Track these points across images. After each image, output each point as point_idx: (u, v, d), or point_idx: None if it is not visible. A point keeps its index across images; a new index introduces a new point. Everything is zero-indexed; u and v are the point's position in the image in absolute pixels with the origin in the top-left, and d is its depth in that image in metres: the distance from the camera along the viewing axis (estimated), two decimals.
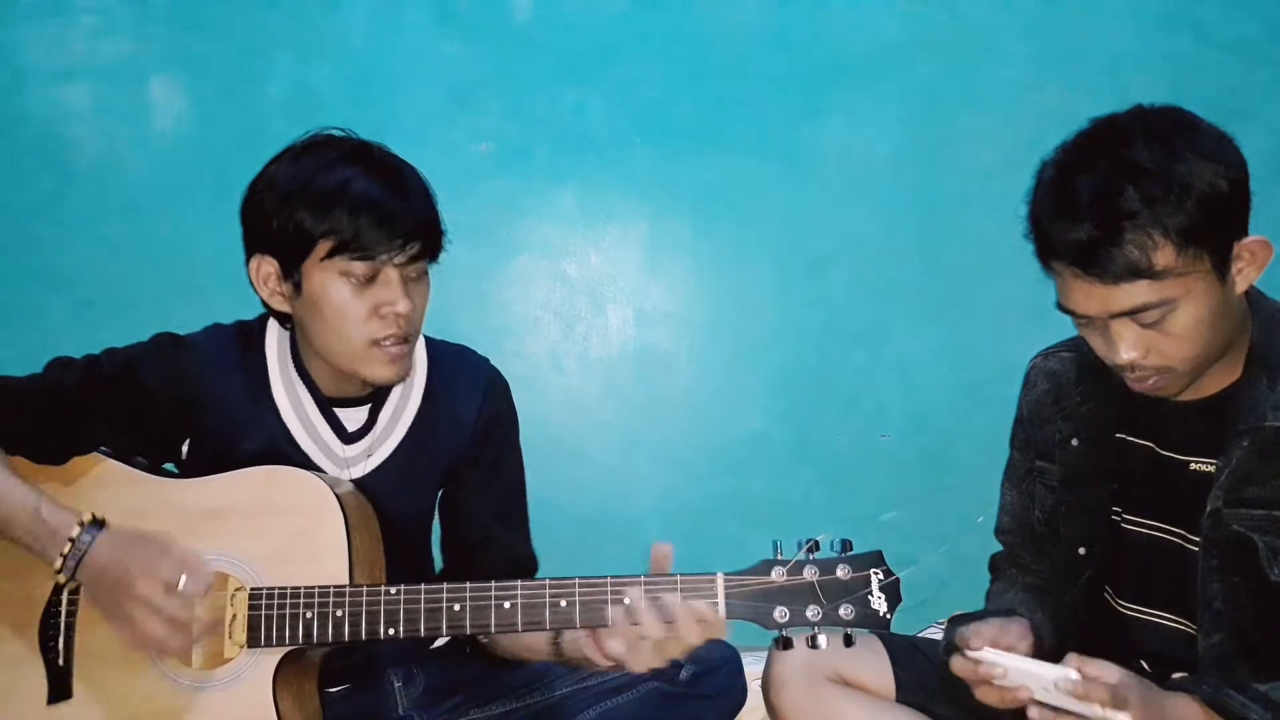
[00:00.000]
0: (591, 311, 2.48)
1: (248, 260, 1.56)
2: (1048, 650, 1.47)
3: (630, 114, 2.44)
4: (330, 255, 1.48)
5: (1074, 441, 1.58)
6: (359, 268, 1.49)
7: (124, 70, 2.41)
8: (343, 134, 1.58)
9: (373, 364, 1.54)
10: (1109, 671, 1.29)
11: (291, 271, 1.51)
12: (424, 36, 2.43)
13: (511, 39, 2.43)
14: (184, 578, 1.39)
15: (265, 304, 1.58)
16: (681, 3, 2.44)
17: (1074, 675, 1.27)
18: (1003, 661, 1.33)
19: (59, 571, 1.41)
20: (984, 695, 1.37)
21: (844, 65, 2.45)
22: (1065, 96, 2.41)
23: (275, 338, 1.63)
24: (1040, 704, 1.32)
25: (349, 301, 1.50)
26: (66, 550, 1.41)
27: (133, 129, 2.41)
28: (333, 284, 1.50)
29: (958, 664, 1.38)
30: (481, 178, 2.43)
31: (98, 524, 1.43)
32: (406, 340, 1.54)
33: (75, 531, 1.42)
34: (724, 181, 2.45)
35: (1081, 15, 2.44)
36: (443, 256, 1.58)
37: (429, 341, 1.69)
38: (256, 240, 1.54)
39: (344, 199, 1.47)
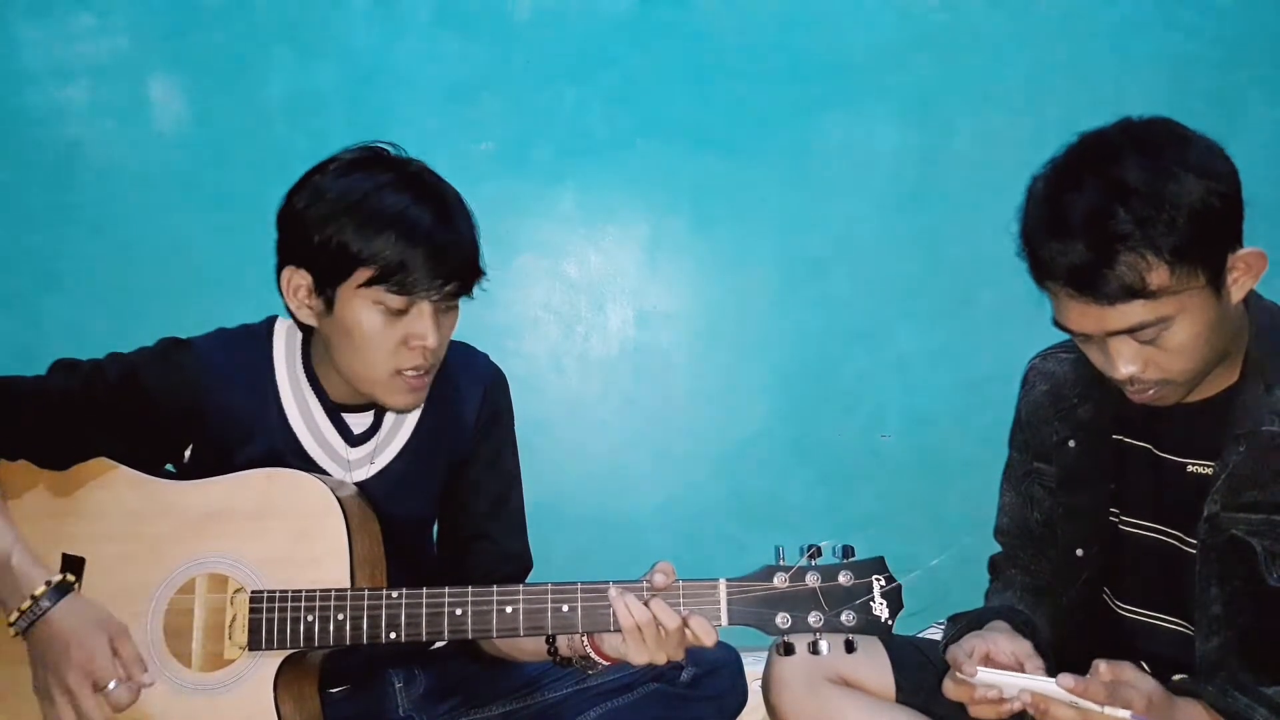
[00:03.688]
0: (591, 311, 2.48)
1: (280, 268, 1.53)
2: (1046, 650, 1.47)
3: (630, 114, 2.44)
4: (368, 284, 1.46)
5: (1071, 443, 1.59)
6: (395, 301, 1.47)
7: (124, 70, 2.40)
8: (394, 151, 1.55)
9: (392, 392, 1.53)
10: (1136, 677, 1.28)
11: (325, 289, 1.49)
12: (424, 36, 2.42)
13: (511, 39, 2.43)
14: (114, 684, 1.39)
15: (291, 314, 1.56)
16: (681, 3, 2.44)
17: (1070, 684, 1.27)
18: (999, 681, 1.33)
19: (11, 624, 1.41)
20: (980, 713, 1.36)
21: (844, 65, 2.44)
22: (1065, 96, 2.41)
23: (284, 341, 1.62)
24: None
25: (379, 331, 1.48)
26: (25, 607, 1.40)
27: (132, 129, 2.40)
28: (365, 310, 1.48)
29: (951, 689, 1.38)
30: (481, 178, 2.43)
31: (64, 589, 1.42)
32: (429, 371, 1.54)
33: (39, 590, 1.40)
34: (724, 181, 2.45)
35: (1081, 15, 2.44)
36: None
37: None
38: (292, 251, 1.51)
39: (391, 230, 1.45)
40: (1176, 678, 1.41)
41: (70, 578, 1.44)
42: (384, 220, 1.45)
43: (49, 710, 1.41)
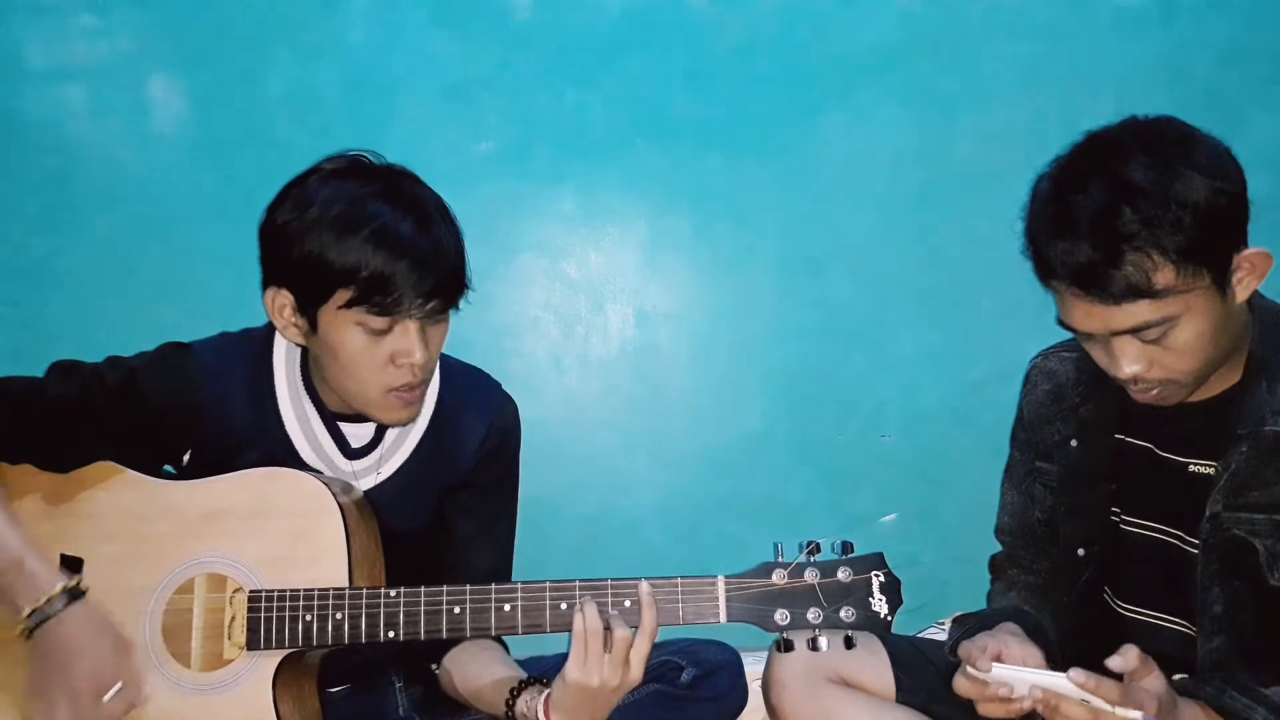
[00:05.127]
0: (591, 311, 2.48)
1: (264, 287, 1.52)
2: (1056, 658, 1.47)
3: (630, 114, 2.44)
4: (348, 305, 1.43)
5: (1073, 442, 1.58)
6: (377, 322, 1.44)
7: (124, 70, 2.40)
8: (374, 160, 1.53)
9: (386, 409, 1.52)
10: (1153, 678, 1.28)
11: (307, 309, 1.48)
12: (423, 36, 2.42)
13: (511, 39, 2.43)
14: (113, 691, 1.39)
15: (280, 332, 1.55)
16: (681, 3, 2.44)
17: (1081, 679, 1.26)
18: (1012, 677, 1.32)
19: (21, 622, 1.41)
20: (989, 710, 1.35)
21: (844, 65, 2.44)
22: (1065, 96, 2.41)
23: (284, 349, 1.61)
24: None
25: (363, 351, 1.46)
26: (38, 606, 1.40)
27: (133, 129, 2.41)
28: (348, 332, 1.46)
29: (963, 685, 1.36)
30: (481, 178, 2.43)
31: (76, 594, 1.42)
32: (422, 383, 1.52)
33: (55, 589, 1.41)
34: (724, 181, 2.45)
35: (1081, 14, 2.44)
36: None
37: (443, 360, 1.66)
38: (274, 270, 1.50)
39: (370, 245, 1.41)
40: (1176, 677, 1.41)
41: (84, 584, 1.44)
42: (363, 234, 1.42)
43: (40, 710, 1.40)
